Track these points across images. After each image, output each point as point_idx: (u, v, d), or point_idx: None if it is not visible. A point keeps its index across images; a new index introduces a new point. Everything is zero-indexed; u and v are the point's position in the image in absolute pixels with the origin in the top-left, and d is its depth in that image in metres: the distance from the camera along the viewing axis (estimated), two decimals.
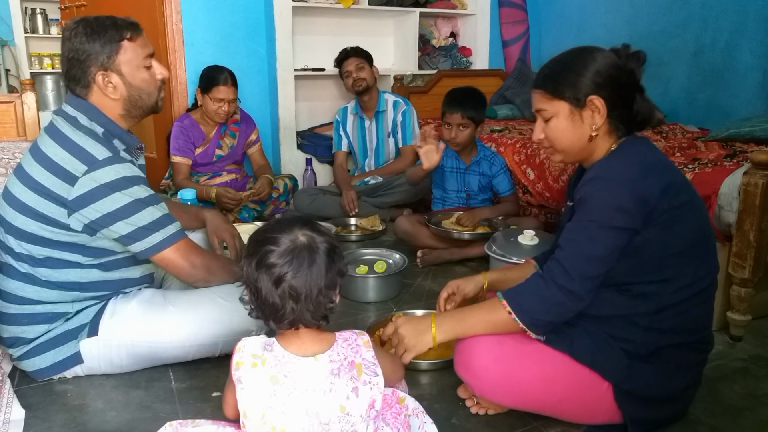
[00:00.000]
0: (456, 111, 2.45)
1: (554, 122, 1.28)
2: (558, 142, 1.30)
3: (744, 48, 2.90)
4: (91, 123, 1.45)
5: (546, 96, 1.27)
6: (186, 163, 2.87)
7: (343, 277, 1.08)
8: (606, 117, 1.24)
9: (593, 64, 1.22)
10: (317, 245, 1.02)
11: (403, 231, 2.54)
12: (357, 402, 1.01)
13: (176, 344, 1.53)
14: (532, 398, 1.27)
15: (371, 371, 1.04)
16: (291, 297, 1.00)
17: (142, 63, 1.47)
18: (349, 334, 1.09)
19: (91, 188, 1.38)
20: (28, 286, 1.47)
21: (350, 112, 3.26)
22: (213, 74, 2.80)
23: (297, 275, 0.99)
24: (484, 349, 1.26)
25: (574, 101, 1.24)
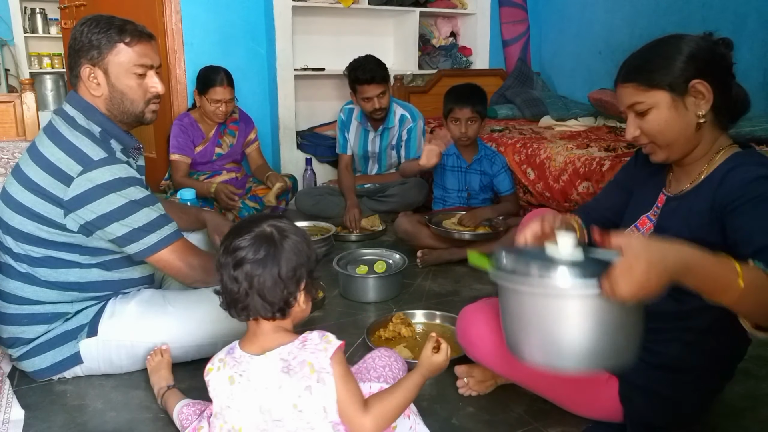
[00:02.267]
0: (466, 106, 2.45)
1: (654, 114, 1.14)
2: (662, 136, 1.16)
3: (744, 48, 2.89)
4: (88, 123, 1.45)
5: (640, 88, 1.14)
6: (185, 162, 2.87)
7: (311, 277, 1.06)
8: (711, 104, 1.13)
9: (687, 49, 1.12)
10: (282, 236, 1.03)
11: (403, 231, 2.54)
12: (311, 400, 0.99)
13: (176, 344, 1.53)
14: (532, 372, 1.17)
15: (321, 377, 0.99)
16: (247, 282, 1.00)
17: (132, 69, 1.45)
18: (314, 336, 1.03)
19: (86, 189, 1.38)
20: (27, 286, 1.47)
21: (355, 118, 3.10)
22: (209, 75, 2.80)
23: (254, 261, 1.00)
24: (483, 316, 1.29)
25: (676, 89, 1.12)
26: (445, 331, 1.84)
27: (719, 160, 1.17)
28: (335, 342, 1.02)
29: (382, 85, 2.86)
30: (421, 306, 2.02)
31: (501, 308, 1.05)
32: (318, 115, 3.81)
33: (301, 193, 3.21)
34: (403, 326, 1.80)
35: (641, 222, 1.29)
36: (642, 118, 1.16)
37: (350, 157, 3.18)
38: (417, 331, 1.84)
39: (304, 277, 1.04)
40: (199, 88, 2.83)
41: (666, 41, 1.15)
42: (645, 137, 1.18)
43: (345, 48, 3.63)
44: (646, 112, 1.15)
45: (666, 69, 1.12)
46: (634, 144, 1.25)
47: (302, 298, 1.06)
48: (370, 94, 2.86)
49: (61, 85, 5.46)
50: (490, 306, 1.36)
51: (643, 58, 1.16)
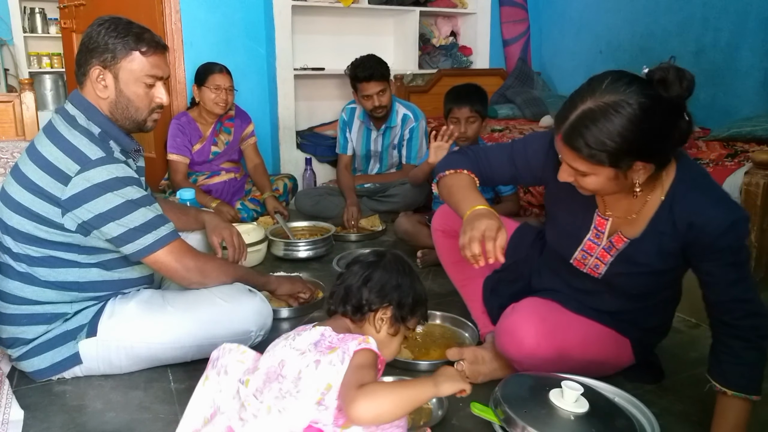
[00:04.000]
0: (464, 105, 2.45)
1: (593, 179, 1.18)
2: (597, 193, 1.27)
3: (745, 47, 2.89)
4: (88, 123, 1.45)
5: (582, 159, 1.15)
6: (183, 162, 2.87)
7: (400, 309, 1.19)
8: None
9: (637, 130, 1.09)
10: (390, 260, 1.22)
11: (403, 231, 2.53)
12: (314, 374, 1.02)
13: (175, 345, 1.53)
14: (572, 363, 1.39)
15: (338, 359, 1.04)
16: (343, 277, 1.22)
17: (142, 78, 1.46)
18: (350, 337, 1.10)
19: (83, 188, 1.37)
20: (26, 286, 1.47)
21: (357, 117, 3.08)
22: (207, 66, 2.84)
23: (360, 263, 1.22)
24: (533, 328, 1.36)
25: (621, 167, 1.14)
26: (446, 332, 1.83)
27: (660, 194, 1.25)
28: (373, 345, 1.07)
29: (381, 82, 2.86)
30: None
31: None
32: (318, 114, 3.81)
33: (301, 193, 3.20)
34: None
35: (588, 246, 1.39)
36: (581, 176, 1.19)
37: (350, 158, 3.18)
38: (417, 331, 1.83)
39: (391, 298, 1.17)
40: (198, 80, 2.84)
41: (615, 110, 1.09)
42: (578, 184, 1.23)
43: (345, 47, 3.63)
44: (585, 174, 1.18)
45: (612, 152, 1.11)
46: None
47: (381, 319, 1.18)
48: (370, 91, 2.86)
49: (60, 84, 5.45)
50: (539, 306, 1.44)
51: (589, 127, 1.11)
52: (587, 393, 1.19)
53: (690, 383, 1.55)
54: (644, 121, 1.09)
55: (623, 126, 1.09)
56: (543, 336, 1.36)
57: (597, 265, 1.40)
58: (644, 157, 1.13)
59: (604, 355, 1.45)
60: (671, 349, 1.72)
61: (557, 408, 1.15)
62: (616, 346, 1.47)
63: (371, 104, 2.89)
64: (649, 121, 1.09)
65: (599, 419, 1.14)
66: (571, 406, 1.15)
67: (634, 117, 1.09)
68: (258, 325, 1.59)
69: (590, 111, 1.11)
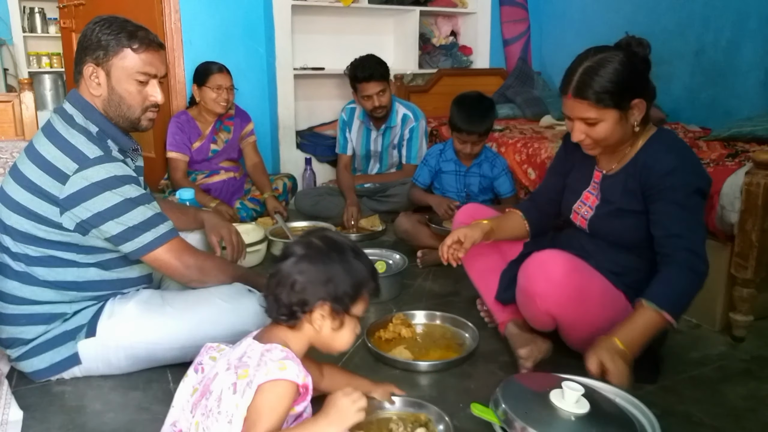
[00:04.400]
0: (474, 131, 2.41)
1: (602, 126, 1.41)
2: (605, 141, 1.45)
3: (746, 47, 2.89)
4: (86, 122, 1.45)
5: (593, 107, 1.39)
6: (183, 160, 2.87)
7: (339, 304, 1.11)
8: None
9: (627, 70, 1.37)
10: (323, 249, 1.12)
11: (403, 231, 2.53)
12: (231, 398, 1.02)
13: (174, 345, 1.52)
14: (590, 312, 1.45)
15: (245, 387, 1.01)
16: (275, 279, 1.14)
17: (134, 76, 1.44)
18: (276, 354, 1.05)
19: (81, 187, 1.37)
20: (25, 286, 1.47)
21: (357, 117, 3.07)
22: (207, 66, 2.83)
23: (294, 270, 1.11)
24: (562, 263, 1.42)
25: (623, 107, 1.40)
26: (446, 332, 1.83)
27: (641, 144, 1.49)
28: (288, 374, 1.01)
29: (381, 82, 2.85)
30: (422, 306, 2.01)
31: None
32: (317, 114, 3.81)
33: (301, 193, 3.20)
34: (404, 327, 1.79)
35: (585, 197, 1.62)
36: (590, 127, 1.42)
37: (350, 158, 3.18)
38: (417, 332, 1.83)
39: (325, 294, 1.09)
40: (197, 80, 2.83)
41: (607, 61, 1.38)
42: (589, 139, 1.45)
43: (345, 47, 3.62)
44: (594, 124, 1.41)
45: (614, 92, 1.37)
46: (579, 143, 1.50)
47: (321, 316, 1.10)
48: (370, 91, 2.86)
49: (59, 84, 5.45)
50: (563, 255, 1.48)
51: (594, 78, 1.38)
52: (588, 394, 1.19)
53: (691, 384, 1.55)
54: (629, 65, 1.38)
55: (617, 70, 1.37)
56: (571, 270, 1.43)
57: (587, 212, 1.59)
58: (637, 93, 1.40)
59: (617, 313, 1.46)
60: (671, 349, 1.71)
61: (558, 409, 1.15)
62: (627, 313, 1.47)
63: (371, 104, 2.89)
64: (632, 65, 1.39)
65: (600, 420, 1.14)
66: (571, 407, 1.15)
67: (622, 62, 1.38)
68: (257, 325, 1.57)
69: (589, 67, 1.39)
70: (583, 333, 1.50)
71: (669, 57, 3.26)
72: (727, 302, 1.82)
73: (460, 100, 2.46)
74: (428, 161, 2.65)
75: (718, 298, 1.84)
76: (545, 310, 1.46)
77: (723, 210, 1.76)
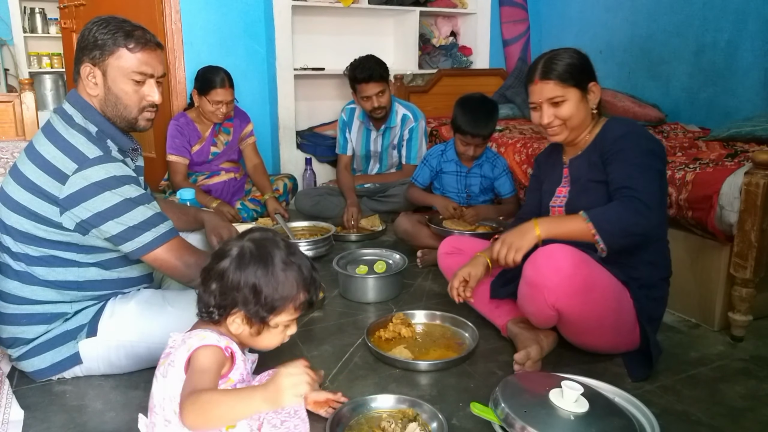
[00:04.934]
0: (478, 135, 2.42)
1: (567, 105, 1.59)
2: (571, 121, 1.61)
3: (745, 47, 2.89)
4: (85, 122, 1.45)
5: (560, 85, 1.58)
6: (183, 163, 2.87)
7: (249, 312, 1.11)
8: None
9: (581, 58, 1.61)
10: (247, 255, 1.13)
11: (403, 231, 2.53)
12: (163, 384, 1.09)
13: None
14: (596, 305, 1.47)
15: (170, 367, 1.08)
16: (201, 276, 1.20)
17: (130, 75, 1.44)
18: (197, 332, 1.12)
19: (81, 187, 1.38)
20: (25, 285, 1.47)
21: (357, 117, 3.08)
22: (209, 77, 2.77)
23: (213, 271, 1.14)
24: (570, 257, 1.43)
25: (583, 87, 1.60)
26: (446, 332, 1.83)
27: (596, 131, 1.65)
28: (206, 342, 1.07)
29: (380, 83, 2.85)
30: (422, 306, 2.02)
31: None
32: (318, 114, 3.81)
33: (301, 193, 3.20)
34: (403, 327, 1.80)
35: (558, 191, 1.73)
36: (557, 107, 1.59)
37: (349, 158, 3.18)
38: (417, 331, 1.83)
39: (235, 301, 1.10)
40: (198, 88, 2.82)
41: (562, 51, 1.61)
42: (558, 121, 1.61)
43: (345, 48, 3.63)
44: (560, 104, 1.59)
45: (576, 73, 1.58)
46: (547, 128, 1.64)
47: (234, 321, 1.12)
48: (369, 92, 2.86)
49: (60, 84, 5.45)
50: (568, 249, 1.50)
51: (555, 61, 1.58)
52: (587, 393, 1.19)
53: (690, 383, 1.55)
54: (580, 54, 1.62)
55: (572, 55, 1.60)
56: (580, 262, 1.43)
57: (562, 201, 1.69)
58: (591, 77, 1.61)
59: (620, 307, 1.51)
60: (671, 349, 1.72)
61: (557, 408, 1.16)
62: (628, 306, 1.52)
63: (370, 105, 2.89)
64: (582, 55, 1.62)
65: (599, 419, 1.15)
66: (571, 406, 1.15)
67: (575, 53, 1.62)
68: None
69: (549, 56, 1.61)
70: (588, 327, 1.52)
71: (668, 57, 3.27)
72: (726, 302, 1.82)
73: (464, 102, 2.44)
74: (429, 161, 2.65)
75: (717, 298, 1.85)
76: (552, 303, 1.46)
77: (722, 210, 1.76)
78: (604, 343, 1.60)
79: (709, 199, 1.79)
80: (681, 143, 2.54)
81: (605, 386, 1.34)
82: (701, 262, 1.88)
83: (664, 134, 2.81)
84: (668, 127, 2.96)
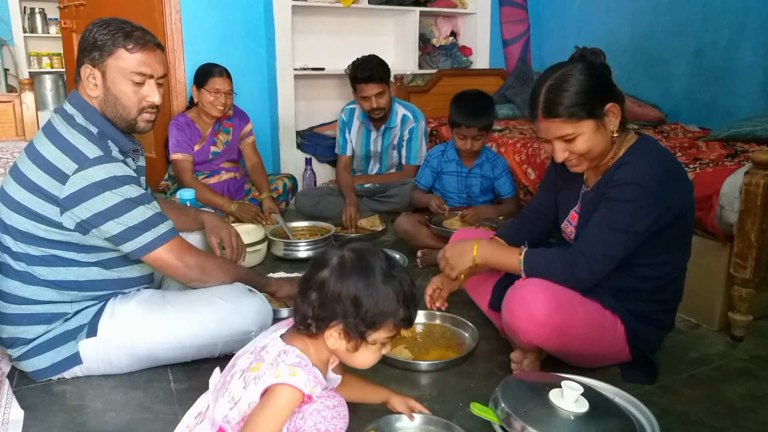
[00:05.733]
0: (473, 125, 2.42)
1: (581, 139, 1.39)
2: (590, 154, 1.41)
3: (745, 47, 2.89)
4: (86, 122, 1.45)
5: (567, 122, 1.37)
6: (188, 160, 2.85)
7: (349, 326, 1.05)
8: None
9: (590, 78, 1.36)
10: (348, 265, 1.06)
11: (403, 231, 2.53)
12: (236, 383, 1.06)
13: (175, 345, 1.53)
14: (575, 342, 1.45)
15: (253, 379, 1.03)
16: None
17: (129, 76, 1.44)
18: (290, 358, 1.05)
19: (81, 187, 1.38)
20: (26, 285, 1.47)
21: (357, 117, 3.10)
22: (207, 68, 2.82)
23: (313, 282, 1.09)
24: (544, 300, 1.39)
25: (597, 115, 1.37)
26: (446, 332, 1.83)
27: (620, 154, 1.45)
28: (293, 382, 1.00)
29: (380, 84, 2.85)
30: (421, 306, 2.01)
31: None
32: (318, 114, 3.81)
33: (301, 193, 3.20)
34: None
35: (572, 216, 1.60)
36: (569, 143, 1.39)
37: (349, 158, 3.19)
38: (417, 331, 1.83)
39: (335, 314, 1.04)
40: (197, 81, 2.82)
41: (568, 75, 1.37)
42: (574, 155, 1.42)
43: (345, 48, 3.63)
44: (573, 140, 1.38)
45: (584, 102, 1.35)
46: (564, 162, 1.47)
47: (332, 336, 1.06)
48: (368, 93, 2.86)
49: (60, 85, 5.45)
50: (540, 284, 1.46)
51: (559, 94, 1.36)
52: (587, 393, 1.19)
53: (690, 383, 1.55)
54: (590, 73, 1.37)
55: (580, 80, 1.36)
56: (554, 308, 1.38)
57: (571, 232, 1.59)
58: (607, 98, 1.38)
59: (603, 339, 1.48)
60: (671, 349, 1.72)
61: (557, 408, 1.16)
62: (615, 334, 1.49)
63: (369, 106, 2.90)
64: (593, 72, 1.38)
65: (599, 419, 1.15)
66: (571, 406, 1.15)
67: (583, 72, 1.37)
68: (258, 324, 1.59)
69: (552, 85, 1.38)
70: (571, 357, 1.52)
71: (668, 57, 3.27)
72: (726, 302, 1.82)
73: (459, 96, 2.48)
74: (430, 162, 2.65)
75: (717, 298, 1.85)
76: (528, 342, 1.46)
77: (722, 210, 1.76)
78: (592, 364, 1.56)
79: (709, 199, 1.79)
80: (681, 143, 2.54)
81: (605, 386, 1.34)
82: (701, 262, 1.88)
83: (664, 134, 2.81)
84: (668, 127, 2.96)
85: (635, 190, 1.34)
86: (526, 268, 1.46)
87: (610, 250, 1.38)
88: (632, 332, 1.49)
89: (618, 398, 1.31)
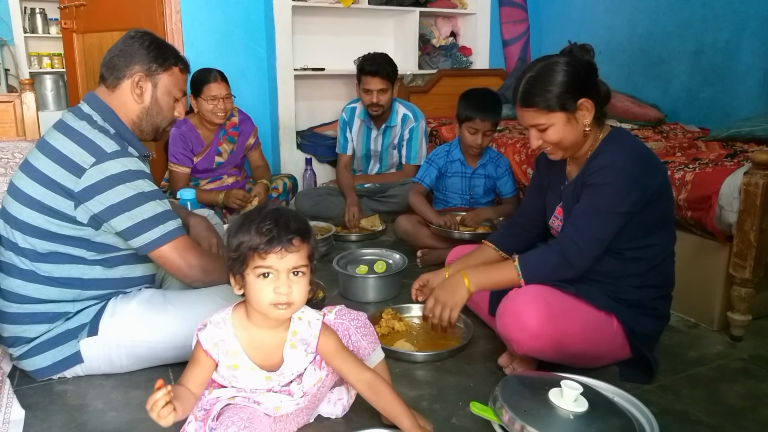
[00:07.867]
0: (489, 119, 2.41)
1: (553, 129, 1.47)
2: (561, 144, 1.50)
3: (745, 48, 2.89)
4: (104, 123, 1.49)
5: (540, 112, 1.46)
6: (185, 173, 2.82)
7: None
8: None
9: (568, 73, 1.43)
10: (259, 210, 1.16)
11: (403, 231, 2.54)
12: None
13: (176, 344, 1.53)
14: (571, 348, 1.45)
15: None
16: None
17: (174, 92, 1.59)
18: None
19: (97, 179, 1.40)
20: (29, 283, 1.48)
21: (358, 116, 3.12)
22: (201, 75, 2.74)
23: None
24: (537, 311, 1.40)
25: (568, 108, 1.45)
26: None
27: (595, 146, 1.52)
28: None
29: (385, 81, 2.87)
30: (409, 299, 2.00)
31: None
32: (318, 115, 3.81)
33: (301, 193, 3.20)
34: (396, 321, 1.81)
35: (557, 211, 1.65)
36: (543, 132, 1.48)
37: (349, 158, 3.19)
38: (414, 325, 1.84)
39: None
40: (193, 90, 2.77)
41: (549, 68, 1.44)
42: (547, 144, 1.50)
43: (345, 48, 3.63)
44: (545, 130, 1.47)
45: (557, 96, 1.43)
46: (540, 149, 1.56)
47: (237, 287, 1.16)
48: (371, 86, 2.88)
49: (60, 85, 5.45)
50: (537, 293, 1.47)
51: (536, 86, 1.45)
52: (586, 392, 1.19)
53: (689, 383, 1.56)
54: (571, 67, 1.44)
55: (558, 74, 1.43)
56: (546, 319, 1.40)
57: (558, 225, 1.63)
58: (581, 93, 1.44)
59: (600, 340, 1.49)
60: (671, 349, 1.72)
61: (557, 407, 1.16)
62: (612, 333, 1.50)
63: (369, 99, 2.91)
64: (575, 67, 1.45)
65: (598, 418, 1.15)
66: (570, 406, 1.16)
67: (563, 66, 1.44)
68: None
69: (531, 77, 1.46)
70: (570, 361, 1.52)
71: (668, 57, 3.27)
72: (725, 302, 1.83)
73: (469, 92, 2.48)
74: (435, 161, 2.63)
75: (716, 298, 1.85)
76: (523, 353, 1.48)
77: (721, 210, 1.77)
78: (593, 364, 1.57)
79: (708, 199, 1.79)
80: (680, 143, 2.55)
81: (605, 386, 1.35)
82: (701, 262, 1.88)
83: (664, 134, 2.81)
84: (668, 127, 2.96)
85: (612, 172, 1.41)
86: (524, 273, 1.47)
87: (597, 233, 1.43)
88: (629, 328, 1.50)
89: (617, 398, 1.31)
